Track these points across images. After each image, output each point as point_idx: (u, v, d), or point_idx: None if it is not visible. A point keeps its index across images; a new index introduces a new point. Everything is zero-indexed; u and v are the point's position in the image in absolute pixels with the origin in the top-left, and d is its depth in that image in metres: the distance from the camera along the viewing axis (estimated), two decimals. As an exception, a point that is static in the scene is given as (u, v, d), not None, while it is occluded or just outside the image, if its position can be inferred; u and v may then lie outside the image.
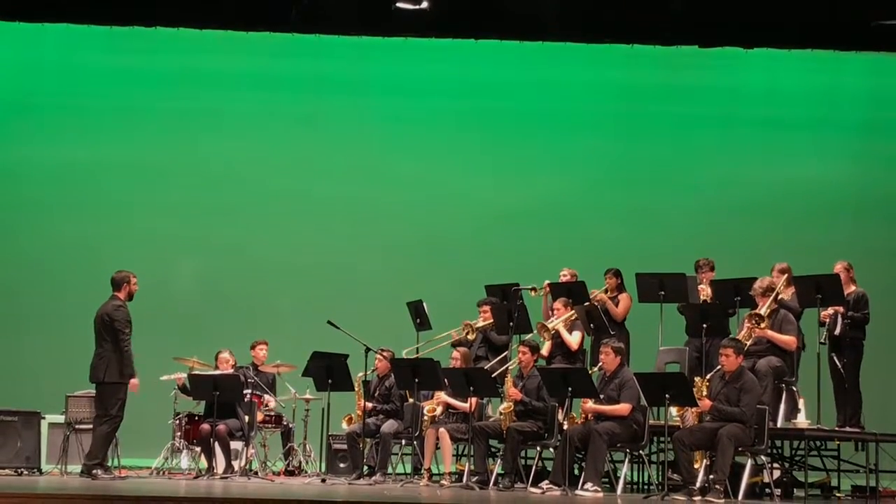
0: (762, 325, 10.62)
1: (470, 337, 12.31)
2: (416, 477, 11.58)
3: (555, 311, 11.89)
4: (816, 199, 15.44)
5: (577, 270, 12.53)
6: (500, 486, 10.86)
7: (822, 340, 11.07)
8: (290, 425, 13.01)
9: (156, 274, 15.36)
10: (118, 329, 11.10)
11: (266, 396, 12.72)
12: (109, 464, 11.55)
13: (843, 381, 11.14)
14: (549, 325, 11.74)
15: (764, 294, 10.83)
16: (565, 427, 10.61)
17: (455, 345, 12.30)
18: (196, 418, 12.36)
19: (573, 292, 12.06)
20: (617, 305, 12.13)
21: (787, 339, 10.73)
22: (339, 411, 12.01)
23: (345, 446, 12.18)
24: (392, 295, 13.77)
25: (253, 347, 13.05)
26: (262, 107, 15.74)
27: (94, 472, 10.89)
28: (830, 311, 11.03)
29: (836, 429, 10.98)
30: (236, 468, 11.81)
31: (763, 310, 10.71)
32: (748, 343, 10.53)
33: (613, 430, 10.42)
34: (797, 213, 15.38)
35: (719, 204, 15.51)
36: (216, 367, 12.41)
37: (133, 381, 11.16)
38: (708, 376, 10.27)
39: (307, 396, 13.00)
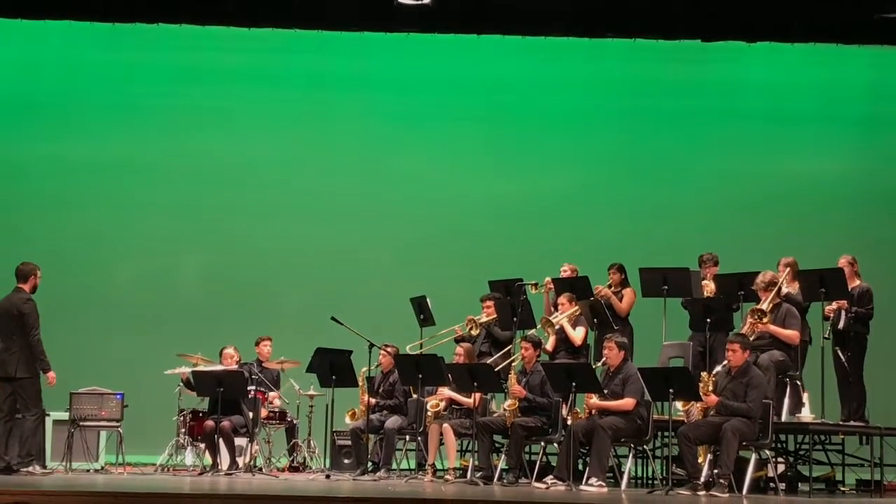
0: (765, 320, 10.61)
1: (473, 332, 12.31)
2: (420, 472, 11.58)
3: (559, 307, 11.89)
4: (819, 193, 15.42)
5: (578, 266, 12.54)
6: (505, 481, 10.86)
7: (825, 335, 11.07)
8: (295, 421, 13.02)
9: (160, 270, 15.48)
10: (29, 324, 10.92)
11: (271, 394, 12.75)
12: (114, 461, 11.57)
13: (847, 376, 11.14)
14: (553, 321, 11.75)
15: (766, 288, 10.80)
16: (569, 422, 10.62)
17: (458, 340, 12.31)
18: (200, 415, 12.37)
19: (576, 287, 12.06)
20: (621, 300, 12.13)
21: (790, 334, 10.70)
22: (342, 407, 12.01)
23: (349, 442, 12.19)
24: (395, 291, 13.76)
25: (257, 344, 13.08)
26: (265, 103, 15.73)
27: (31, 469, 10.82)
28: (834, 305, 11.03)
29: (841, 423, 10.98)
30: (240, 464, 11.82)
31: (765, 304, 10.70)
32: (752, 338, 10.52)
33: (617, 425, 10.41)
34: (800, 207, 15.36)
35: (722, 198, 15.50)
36: (220, 363, 12.41)
37: (50, 374, 11.01)
38: (714, 371, 10.27)
39: (311, 392, 13.02)
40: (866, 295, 11.13)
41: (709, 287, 11.76)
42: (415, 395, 11.81)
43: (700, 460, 10.10)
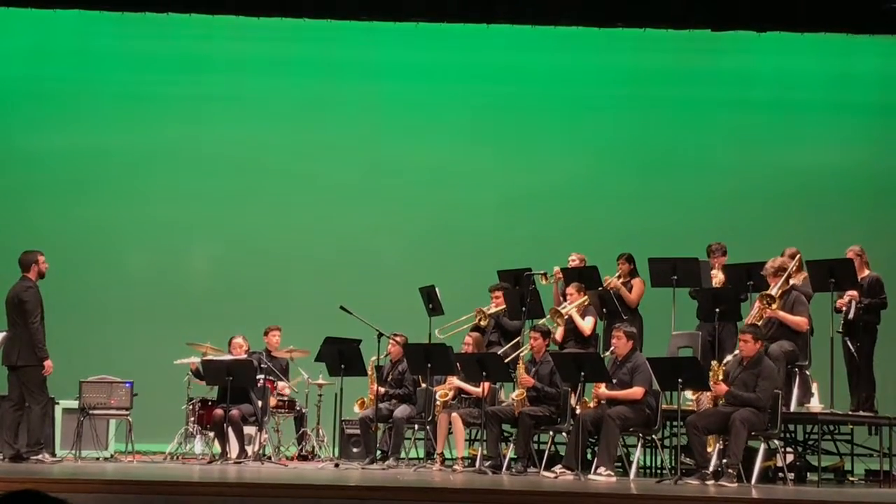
0: (773, 306, 10.58)
1: (483, 323, 12.31)
2: (428, 462, 11.59)
3: (568, 296, 11.88)
4: (830, 183, 15.38)
5: (586, 255, 12.54)
6: (513, 470, 10.86)
7: (839, 330, 10.99)
8: (304, 410, 13.04)
9: (170, 259, 15.50)
10: (28, 311, 10.93)
11: (280, 384, 12.76)
12: (124, 449, 11.58)
13: (856, 365, 11.11)
14: (562, 311, 11.74)
15: (775, 274, 10.75)
16: (578, 412, 10.62)
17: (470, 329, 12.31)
18: (209, 403, 12.38)
19: (585, 277, 12.05)
20: (630, 291, 12.12)
21: (798, 320, 10.66)
22: (351, 396, 12.03)
23: (358, 431, 12.20)
24: (404, 280, 13.77)
25: (266, 333, 13.09)
26: (275, 93, 15.72)
27: (41, 457, 10.84)
28: (846, 297, 10.97)
29: (850, 413, 10.96)
30: (250, 453, 11.83)
31: (774, 290, 10.67)
32: (759, 323, 10.49)
33: (626, 415, 10.41)
34: (810, 197, 15.33)
35: (732, 188, 15.47)
36: (229, 353, 12.43)
37: (47, 363, 11.00)
38: (725, 360, 10.25)
39: (320, 381, 13.03)
40: (877, 284, 11.10)
41: (717, 277, 11.75)
42: (423, 385, 11.82)
43: (709, 450, 10.08)
